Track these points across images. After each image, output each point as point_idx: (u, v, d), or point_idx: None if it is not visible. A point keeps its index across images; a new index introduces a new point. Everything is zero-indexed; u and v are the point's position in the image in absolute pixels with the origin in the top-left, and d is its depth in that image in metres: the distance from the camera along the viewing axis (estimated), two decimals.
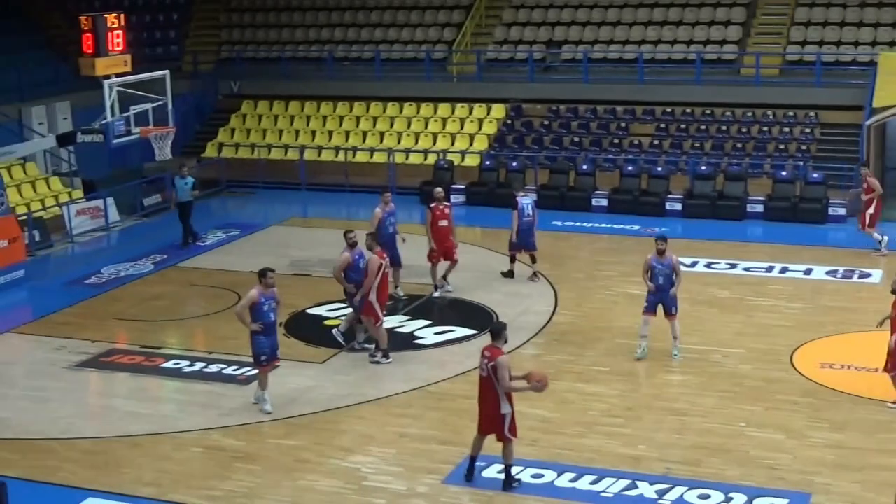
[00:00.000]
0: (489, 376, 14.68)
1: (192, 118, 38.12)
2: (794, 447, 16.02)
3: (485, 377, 14.76)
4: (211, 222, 30.15)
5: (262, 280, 17.30)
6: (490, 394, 14.75)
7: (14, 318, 23.13)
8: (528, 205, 24.20)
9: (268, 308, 17.29)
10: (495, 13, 38.41)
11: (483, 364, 14.77)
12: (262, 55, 39.85)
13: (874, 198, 25.68)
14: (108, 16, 25.86)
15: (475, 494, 14.90)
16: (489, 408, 14.82)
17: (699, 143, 32.48)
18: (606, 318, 21.77)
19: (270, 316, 17.36)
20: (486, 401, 14.83)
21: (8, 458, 16.30)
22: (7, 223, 25.09)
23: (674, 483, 14.97)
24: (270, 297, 17.34)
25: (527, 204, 24.20)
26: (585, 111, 34.52)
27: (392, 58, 38.04)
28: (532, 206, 24.31)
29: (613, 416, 17.24)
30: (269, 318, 17.35)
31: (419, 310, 22.38)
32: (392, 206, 22.90)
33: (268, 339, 17.44)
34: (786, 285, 23.56)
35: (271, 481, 15.39)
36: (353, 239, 19.74)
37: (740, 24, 35.44)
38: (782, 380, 18.41)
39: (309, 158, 34.93)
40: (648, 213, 29.66)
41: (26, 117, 32.86)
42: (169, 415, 17.86)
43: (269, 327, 17.41)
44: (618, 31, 36.38)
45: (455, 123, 35.38)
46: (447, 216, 23.11)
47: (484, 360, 14.76)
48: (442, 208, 23.13)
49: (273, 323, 17.49)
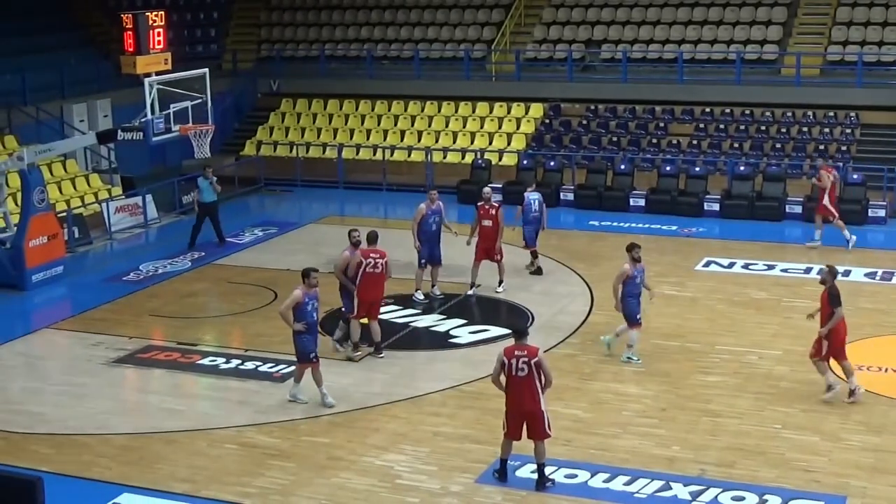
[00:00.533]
0: (529, 375, 14.58)
1: (232, 116, 38.34)
2: (830, 450, 15.90)
3: (523, 377, 14.61)
4: (248, 220, 30.30)
5: (306, 280, 17.41)
6: (531, 392, 14.64)
7: (52, 314, 23.32)
8: (534, 201, 24.25)
9: (311, 308, 17.39)
10: (535, 12, 38.35)
11: (520, 364, 14.61)
12: (302, 54, 39.98)
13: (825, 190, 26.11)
14: (149, 14, 25.98)
15: (508, 494, 14.88)
16: (530, 406, 14.68)
17: (738, 143, 32.31)
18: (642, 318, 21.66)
19: (313, 315, 17.47)
20: (526, 400, 14.68)
21: (44, 452, 16.42)
22: (47, 220, 25.27)
23: (708, 484, 14.90)
24: (313, 297, 17.44)
25: (533, 200, 24.25)
26: (624, 111, 34.43)
27: (431, 57, 38.09)
28: (539, 203, 24.33)
29: (648, 416, 17.18)
30: (313, 317, 17.46)
31: (455, 308, 22.37)
32: (438, 205, 22.95)
33: (313, 337, 17.53)
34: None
35: (305, 479, 15.42)
36: (356, 238, 19.79)
37: (781, 23, 35.23)
38: (818, 382, 18.23)
39: (347, 157, 34.99)
40: (686, 213, 29.53)
41: (67, 115, 33.15)
42: (204, 411, 17.93)
43: (312, 326, 17.50)
44: (657, 31, 36.25)
45: (493, 122, 35.37)
46: (492, 216, 23.09)
47: (520, 359, 14.61)
48: (487, 208, 23.16)
49: (315, 322, 17.60)
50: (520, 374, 14.64)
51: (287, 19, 41.46)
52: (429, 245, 22.78)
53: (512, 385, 14.72)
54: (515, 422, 14.82)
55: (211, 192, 27.51)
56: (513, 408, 14.80)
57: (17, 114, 31.71)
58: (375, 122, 36.53)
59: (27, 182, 24.87)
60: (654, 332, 20.73)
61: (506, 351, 14.78)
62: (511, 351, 14.73)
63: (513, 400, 14.77)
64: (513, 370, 14.64)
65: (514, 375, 14.66)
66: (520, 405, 14.73)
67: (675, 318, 21.61)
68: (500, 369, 14.74)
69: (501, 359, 14.72)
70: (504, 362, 14.68)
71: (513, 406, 14.79)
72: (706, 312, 21.89)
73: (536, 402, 14.69)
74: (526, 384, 14.65)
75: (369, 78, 37.46)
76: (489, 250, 23.14)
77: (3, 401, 18.52)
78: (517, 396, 14.71)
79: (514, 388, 14.72)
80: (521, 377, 14.64)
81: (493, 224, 23.06)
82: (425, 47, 38.34)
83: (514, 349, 14.74)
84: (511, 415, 14.81)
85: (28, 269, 24.58)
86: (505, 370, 14.68)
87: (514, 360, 14.65)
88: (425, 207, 22.78)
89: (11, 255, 24.72)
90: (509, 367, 14.65)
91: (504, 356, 14.70)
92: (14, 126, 31.57)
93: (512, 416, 14.81)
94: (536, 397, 14.67)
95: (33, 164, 25.02)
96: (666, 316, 21.68)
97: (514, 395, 14.74)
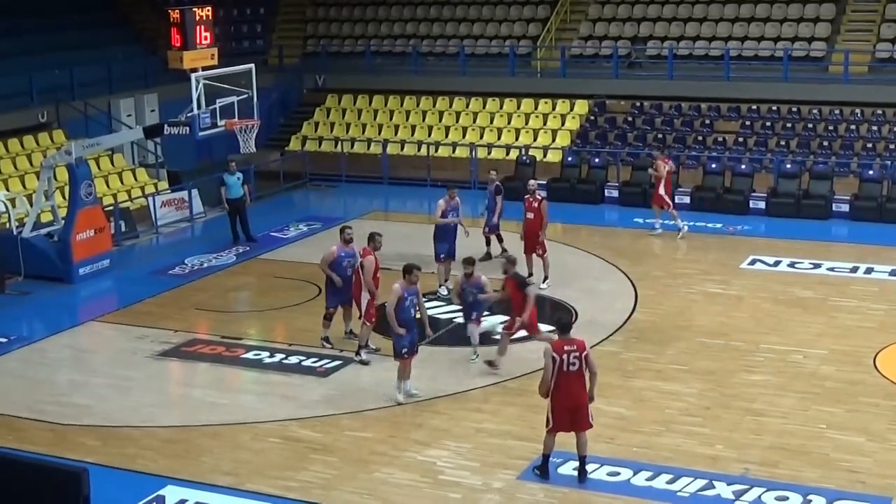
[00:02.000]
0: (580, 368, 14.57)
1: (277, 111, 38.47)
2: (876, 450, 15.78)
3: (575, 371, 14.57)
4: (293, 215, 30.40)
5: (407, 276, 17.56)
6: (581, 385, 14.65)
7: (99, 307, 23.53)
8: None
9: (409, 303, 17.51)
10: (580, 9, 38.26)
11: (571, 359, 14.54)
12: (347, 49, 40.11)
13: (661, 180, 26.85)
14: (196, 10, 26.12)
15: (550, 491, 14.86)
16: (580, 400, 14.67)
17: (784, 141, 32.09)
18: (686, 316, 21.60)
19: (411, 311, 17.56)
20: (577, 394, 14.64)
21: (89, 444, 16.58)
22: (94, 213, 25.49)
23: (751, 484, 14.82)
24: (413, 293, 17.60)
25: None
26: (670, 108, 34.27)
27: (476, 53, 38.09)
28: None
29: (691, 415, 17.11)
30: (410, 313, 17.54)
31: (498, 305, 22.32)
32: (457, 201, 23.09)
33: (409, 335, 17.57)
34: (870, 286, 23.20)
35: (347, 473, 15.47)
36: (349, 235, 19.96)
37: (829, 20, 34.95)
38: (864, 382, 18.14)
39: (391, 152, 35.04)
40: (731, 210, 29.34)
41: (115, 109, 33.44)
42: (248, 405, 18.02)
43: (410, 322, 17.58)
44: (704, 28, 36.08)
45: (538, 119, 35.31)
46: (534, 209, 23.10)
47: (571, 354, 14.54)
48: (531, 200, 23.24)
49: (413, 318, 17.66)
50: (571, 369, 14.58)
51: (333, 15, 41.58)
52: (446, 241, 22.93)
53: (563, 380, 14.60)
54: (564, 416, 14.74)
55: (238, 188, 27.60)
56: (564, 402, 14.67)
57: (66, 109, 32.03)
58: (420, 117, 36.56)
59: (75, 176, 25.08)
60: (699, 331, 20.67)
61: (555, 347, 14.67)
62: (560, 346, 14.65)
63: (564, 395, 14.64)
64: (565, 366, 14.55)
65: (566, 371, 14.58)
66: (571, 399, 14.66)
67: (719, 316, 21.50)
68: (552, 367, 14.60)
69: (552, 355, 14.59)
70: (556, 359, 14.57)
71: (564, 401, 14.67)
72: (751, 311, 21.77)
73: (585, 395, 14.71)
74: (577, 378, 14.62)
75: (414, 74, 37.49)
76: (526, 243, 23.18)
77: (51, 393, 18.71)
78: (568, 391, 14.62)
79: (566, 383, 14.61)
80: (573, 371, 14.59)
81: (535, 217, 23.06)
82: (470, 43, 38.35)
83: (563, 344, 14.66)
84: (560, 409, 14.71)
85: (75, 263, 24.80)
86: (556, 366, 14.60)
87: (565, 356, 14.57)
88: (444, 203, 22.97)
89: (59, 248, 24.95)
90: (561, 363, 14.56)
91: (554, 353, 14.60)
92: (62, 121, 31.90)
93: (561, 410, 14.71)
94: (583, 391, 14.68)
95: (81, 158, 25.23)
96: (711, 314, 21.59)
97: (566, 390, 14.62)
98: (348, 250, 19.92)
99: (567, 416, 14.75)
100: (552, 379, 14.61)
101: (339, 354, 19.78)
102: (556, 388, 14.66)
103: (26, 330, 22.17)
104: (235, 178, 27.62)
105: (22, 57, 32.30)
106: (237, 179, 27.62)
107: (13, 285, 24.48)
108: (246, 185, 27.97)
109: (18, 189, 28.44)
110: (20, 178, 29.24)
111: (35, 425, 17.35)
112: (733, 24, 35.84)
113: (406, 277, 17.57)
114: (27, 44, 32.93)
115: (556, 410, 14.75)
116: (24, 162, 30.08)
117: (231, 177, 27.63)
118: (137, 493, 15.00)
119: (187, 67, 25.74)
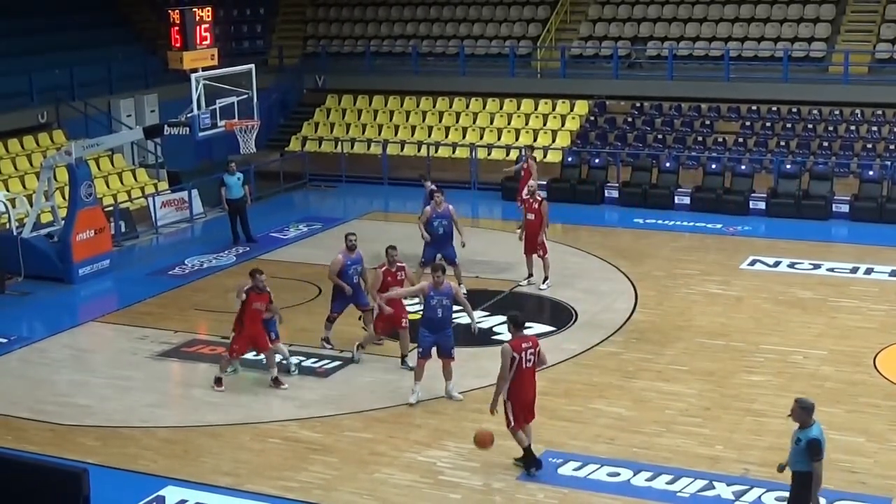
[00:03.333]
0: (534, 364, 14.98)
1: (277, 112, 38.46)
2: (876, 451, 15.79)
3: (530, 367, 14.95)
4: (293, 216, 30.40)
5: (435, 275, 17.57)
6: (533, 381, 15.11)
7: (99, 308, 23.53)
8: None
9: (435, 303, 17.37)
10: (580, 9, 38.25)
11: (528, 355, 14.88)
12: (347, 50, 40.11)
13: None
14: (196, 10, 26.15)
15: (550, 491, 14.86)
16: (533, 394, 15.15)
17: (784, 141, 32.09)
18: (686, 316, 21.60)
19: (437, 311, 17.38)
20: (531, 389, 15.11)
21: (90, 445, 16.58)
22: (94, 214, 25.49)
23: (752, 484, 14.84)
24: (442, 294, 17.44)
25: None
26: (670, 108, 34.28)
27: (476, 53, 38.09)
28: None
29: (691, 415, 17.11)
30: (436, 312, 17.39)
31: (498, 305, 22.36)
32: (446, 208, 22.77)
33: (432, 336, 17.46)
34: (870, 286, 23.20)
35: (348, 474, 15.48)
36: (352, 242, 19.84)
37: (829, 21, 34.95)
38: (864, 382, 18.15)
39: (391, 153, 35.03)
40: (731, 211, 29.35)
41: (115, 110, 33.44)
42: (248, 405, 18.01)
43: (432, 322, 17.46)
44: (704, 28, 36.08)
45: (538, 119, 35.31)
46: (535, 210, 23.09)
47: (528, 351, 14.89)
48: (531, 202, 23.27)
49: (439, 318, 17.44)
50: (528, 365, 14.96)
51: (333, 15, 41.57)
52: (435, 246, 22.78)
53: (521, 377, 14.95)
54: (522, 411, 15.08)
55: (238, 188, 27.59)
56: (522, 397, 15.04)
57: (66, 109, 32.04)
58: (420, 118, 36.56)
59: (75, 176, 25.08)
60: (699, 331, 20.67)
61: (513, 346, 14.92)
62: (518, 344, 14.94)
63: (522, 390, 15.01)
64: (523, 363, 14.90)
65: (524, 368, 14.92)
66: (528, 394, 15.11)
67: (719, 316, 21.51)
68: (509, 365, 14.83)
69: (511, 354, 14.82)
70: (515, 357, 14.83)
71: (523, 396, 15.04)
72: (751, 311, 21.77)
73: (534, 390, 15.22)
74: (530, 374, 15.07)
75: (414, 74, 37.50)
76: (532, 244, 23.13)
77: (50, 393, 18.71)
78: (526, 386, 15.04)
79: (524, 379, 14.98)
80: (528, 368, 14.98)
81: (536, 218, 23.04)
82: (470, 44, 38.35)
83: (521, 342, 14.97)
84: (519, 405, 15.05)
85: (75, 263, 24.81)
86: (515, 364, 14.85)
87: (523, 353, 14.90)
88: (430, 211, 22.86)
89: (59, 248, 24.96)
90: (520, 361, 14.87)
91: (514, 351, 14.84)
92: (62, 121, 31.91)
93: (520, 406, 15.06)
94: (535, 384, 15.20)
95: (81, 158, 25.23)
96: (710, 315, 21.59)
97: (524, 386, 15.02)
98: (354, 257, 19.85)
99: (524, 410, 15.10)
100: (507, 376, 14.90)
101: (339, 355, 19.78)
102: (516, 384, 14.96)
103: (26, 330, 22.17)
104: (236, 178, 27.61)
105: (22, 57, 32.30)
106: (237, 180, 27.62)
107: (13, 286, 24.49)
108: (246, 186, 27.97)
109: (18, 189, 28.44)
110: (20, 178, 29.24)
111: (35, 425, 17.35)
112: (733, 25, 35.84)
113: (435, 277, 17.51)
114: (27, 44, 32.94)
115: (515, 407, 15.07)
116: (24, 162, 30.08)
117: (231, 177, 27.61)
118: (137, 494, 15.00)
119: (187, 68, 25.77)
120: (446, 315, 17.46)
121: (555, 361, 19.22)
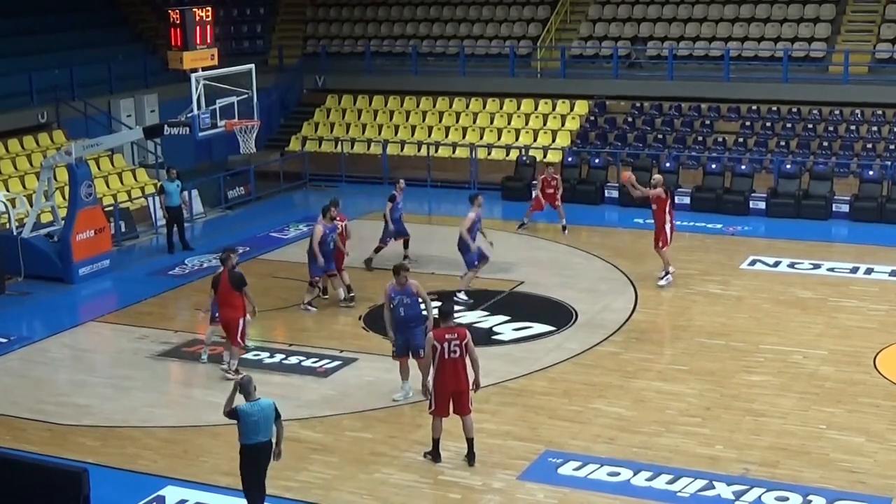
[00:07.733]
0: (461, 356, 15.17)
1: (277, 112, 38.46)
2: (876, 451, 15.77)
3: (457, 357, 15.16)
4: (293, 216, 30.37)
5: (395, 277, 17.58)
6: (463, 372, 15.26)
7: (99, 307, 23.53)
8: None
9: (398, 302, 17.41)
10: (580, 9, 38.24)
11: (452, 347, 15.10)
12: (347, 50, 40.10)
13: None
14: (196, 10, 26.13)
15: (550, 491, 14.85)
16: (460, 385, 15.28)
17: (784, 141, 32.08)
18: (686, 316, 21.61)
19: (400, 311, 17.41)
20: (461, 380, 15.26)
21: (90, 444, 16.58)
22: (94, 214, 25.49)
23: (751, 484, 14.81)
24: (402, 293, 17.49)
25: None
26: (670, 108, 34.27)
27: (476, 53, 38.09)
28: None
29: (691, 415, 17.10)
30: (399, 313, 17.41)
31: (498, 305, 22.37)
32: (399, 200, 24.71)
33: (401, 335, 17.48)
34: (870, 286, 23.19)
35: (347, 473, 15.48)
36: (335, 214, 21.97)
37: (829, 21, 34.94)
38: (864, 382, 18.14)
39: (391, 153, 35.03)
40: (731, 211, 29.34)
41: (115, 110, 33.45)
42: None
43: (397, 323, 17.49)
44: (704, 28, 36.06)
45: (538, 119, 35.31)
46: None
47: (451, 342, 15.12)
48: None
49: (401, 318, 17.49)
50: (453, 356, 15.17)
51: (333, 15, 41.56)
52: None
53: (444, 367, 15.20)
54: (445, 400, 15.31)
55: (177, 196, 27.41)
56: (445, 388, 15.28)
57: (66, 109, 32.04)
58: (420, 118, 36.56)
59: (75, 176, 25.08)
60: (699, 331, 20.67)
61: (436, 336, 15.25)
62: (442, 335, 15.22)
63: (445, 381, 15.25)
64: (446, 353, 15.15)
65: (447, 358, 15.16)
66: (451, 385, 15.27)
67: (719, 316, 21.50)
68: (432, 354, 15.21)
69: (433, 343, 15.19)
70: (436, 346, 15.16)
71: (445, 386, 15.28)
72: (751, 311, 21.77)
73: (465, 382, 15.31)
74: (459, 365, 15.23)
75: (414, 74, 37.49)
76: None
77: (50, 393, 18.72)
78: (449, 377, 15.23)
79: (447, 370, 15.20)
80: (455, 358, 15.18)
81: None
82: (471, 44, 38.34)
83: (445, 333, 15.23)
84: (443, 394, 15.30)
85: (75, 263, 24.81)
86: (437, 354, 15.14)
87: (446, 344, 15.15)
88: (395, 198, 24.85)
89: (59, 248, 24.97)
90: (442, 351, 15.13)
91: (435, 341, 15.18)
92: (62, 121, 31.91)
93: (443, 395, 15.30)
94: (465, 376, 15.28)
95: (81, 158, 25.23)
96: (710, 315, 21.59)
97: (447, 376, 15.23)
98: (330, 226, 21.98)
99: (446, 400, 15.32)
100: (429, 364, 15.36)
101: (339, 355, 19.79)
102: (438, 373, 15.27)
103: (26, 330, 22.17)
104: (175, 185, 27.44)
105: (22, 57, 32.30)
106: (177, 187, 27.47)
107: (13, 285, 24.49)
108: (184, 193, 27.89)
109: (18, 189, 28.45)
110: (20, 178, 29.24)
111: (35, 425, 17.35)
112: (733, 25, 35.83)
113: (395, 278, 17.53)
114: (27, 44, 32.94)
115: (437, 395, 15.38)
116: (24, 162, 30.09)
117: (171, 184, 27.40)
118: (137, 494, 15.00)
119: (187, 67, 25.76)
120: (409, 314, 17.51)
121: (555, 361, 19.28)
